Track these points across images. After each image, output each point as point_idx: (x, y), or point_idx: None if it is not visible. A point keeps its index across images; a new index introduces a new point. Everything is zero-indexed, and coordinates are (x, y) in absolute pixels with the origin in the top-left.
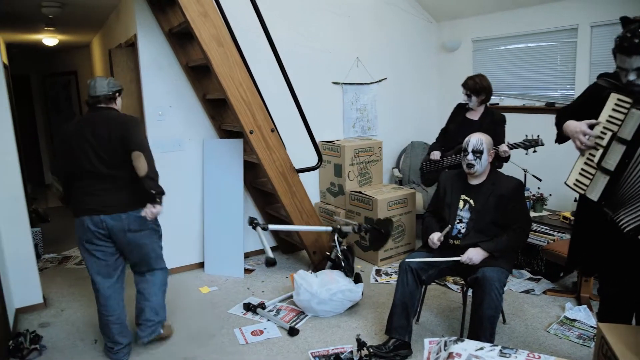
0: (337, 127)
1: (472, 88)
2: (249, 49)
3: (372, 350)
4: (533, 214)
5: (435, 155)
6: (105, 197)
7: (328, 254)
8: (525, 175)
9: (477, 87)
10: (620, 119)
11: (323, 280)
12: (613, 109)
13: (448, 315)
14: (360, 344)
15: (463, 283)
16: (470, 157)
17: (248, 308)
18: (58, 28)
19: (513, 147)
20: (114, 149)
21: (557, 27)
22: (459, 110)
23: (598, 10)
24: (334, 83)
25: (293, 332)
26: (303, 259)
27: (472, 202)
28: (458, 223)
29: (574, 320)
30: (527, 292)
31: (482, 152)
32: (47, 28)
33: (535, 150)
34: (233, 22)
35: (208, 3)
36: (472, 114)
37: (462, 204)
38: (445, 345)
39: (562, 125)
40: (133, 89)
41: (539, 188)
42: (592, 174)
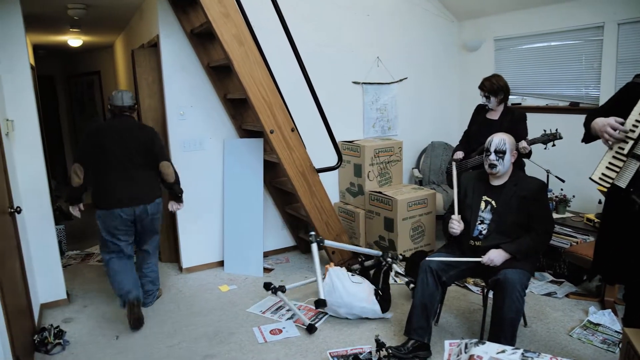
0: (357, 126)
1: (489, 89)
2: (270, 49)
3: (391, 351)
4: (556, 216)
5: (458, 155)
6: (133, 190)
7: (361, 259)
8: (548, 176)
9: (494, 87)
10: None
11: (357, 294)
12: None
13: (468, 317)
14: (379, 345)
15: (484, 285)
16: (493, 157)
17: (268, 288)
18: (83, 29)
19: (532, 142)
20: (140, 152)
21: (582, 25)
22: (479, 111)
23: (625, 8)
24: (354, 83)
25: (312, 329)
26: (322, 259)
27: (493, 203)
28: (479, 224)
29: (598, 325)
30: (549, 295)
31: (504, 152)
32: (72, 29)
33: (555, 144)
34: (253, 21)
35: (229, 3)
36: (492, 114)
37: (483, 205)
38: (466, 348)
39: (590, 125)
40: (155, 89)
41: (562, 189)
42: (619, 166)
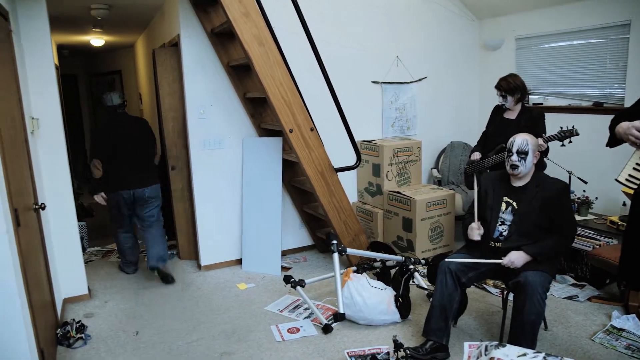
0: (376, 126)
1: (505, 88)
2: (289, 48)
3: (409, 352)
4: (578, 218)
5: (475, 156)
6: (137, 175)
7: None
8: (570, 178)
9: (510, 86)
10: None
11: (377, 306)
12: None
13: (487, 320)
14: (397, 345)
15: (503, 287)
16: (515, 158)
17: (288, 281)
18: (105, 29)
19: (548, 139)
20: (138, 142)
21: (607, 23)
22: (497, 112)
23: None
24: (373, 82)
25: (327, 329)
26: (340, 258)
27: (515, 204)
28: (500, 225)
29: (622, 330)
30: (570, 298)
31: (527, 153)
32: (94, 29)
33: (571, 141)
34: (273, 21)
35: (250, 3)
36: (509, 114)
37: (504, 206)
38: (486, 350)
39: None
40: (176, 88)
41: (585, 191)
42: None
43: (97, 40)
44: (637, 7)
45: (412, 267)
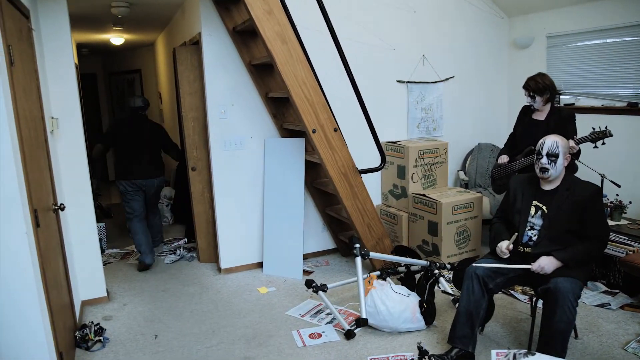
0: (401, 127)
1: (534, 88)
2: (312, 46)
3: None
4: (610, 223)
5: (503, 159)
6: (146, 167)
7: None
8: (603, 181)
9: (539, 86)
10: None
11: (402, 314)
12: None
13: (515, 327)
14: (422, 352)
15: (532, 293)
16: (545, 160)
17: (310, 285)
18: (125, 27)
19: (580, 141)
20: (149, 141)
21: None
22: (525, 112)
23: None
24: (399, 81)
25: (350, 335)
26: (363, 262)
27: (544, 208)
28: (529, 230)
29: None
30: (602, 306)
31: (557, 155)
32: (114, 27)
33: (604, 143)
34: (296, 18)
35: (273, 1)
36: (538, 115)
37: (533, 211)
38: (515, 358)
39: None
40: (196, 87)
41: (618, 195)
42: None
43: (117, 39)
44: None
45: (437, 272)
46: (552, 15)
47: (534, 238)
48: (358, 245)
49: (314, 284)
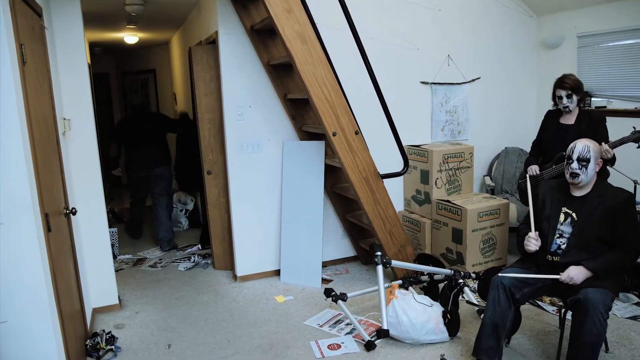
0: (424, 130)
1: (572, 86)
2: (331, 45)
3: None
4: None
5: (533, 170)
6: (152, 158)
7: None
8: (636, 187)
9: (577, 83)
10: None
11: (425, 325)
12: None
13: (542, 339)
14: None
15: (561, 304)
16: (575, 165)
17: (329, 294)
18: (139, 25)
19: (621, 142)
20: (156, 130)
21: None
22: (551, 117)
23: None
24: (423, 83)
25: (370, 346)
26: (384, 271)
27: (574, 215)
28: (558, 238)
29: None
30: (634, 318)
31: (588, 160)
32: (128, 26)
33: None
34: (316, 17)
35: None
36: (566, 118)
37: (562, 218)
38: None
39: None
40: (213, 88)
41: None
42: None
43: (130, 38)
44: None
45: (461, 281)
46: (583, 14)
47: (563, 246)
48: (379, 253)
49: (333, 293)
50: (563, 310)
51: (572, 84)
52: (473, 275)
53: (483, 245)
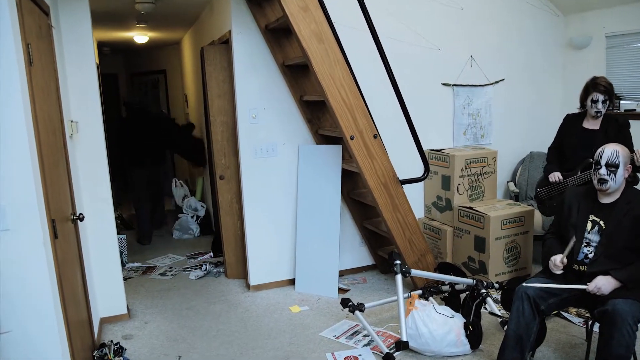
0: (446, 133)
1: (609, 90)
2: (350, 45)
3: None
4: None
5: (556, 177)
6: (143, 157)
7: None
8: None
9: (611, 87)
10: None
11: (445, 337)
12: None
13: (568, 353)
14: None
15: (588, 316)
16: (603, 171)
17: (346, 305)
18: (149, 24)
19: None
20: (159, 130)
21: None
22: (571, 123)
23: None
24: (444, 84)
25: (388, 359)
26: (403, 280)
27: (602, 223)
28: (585, 247)
29: None
30: None
31: (617, 166)
32: (138, 25)
33: None
34: (333, 15)
35: None
36: (590, 123)
37: (590, 226)
38: None
39: None
40: (225, 89)
41: None
42: None
43: (140, 37)
44: None
45: (484, 291)
46: (612, 13)
47: (590, 255)
48: (398, 262)
49: (351, 303)
50: (590, 322)
51: (608, 87)
52: (496, 285)
53: (507, 254)
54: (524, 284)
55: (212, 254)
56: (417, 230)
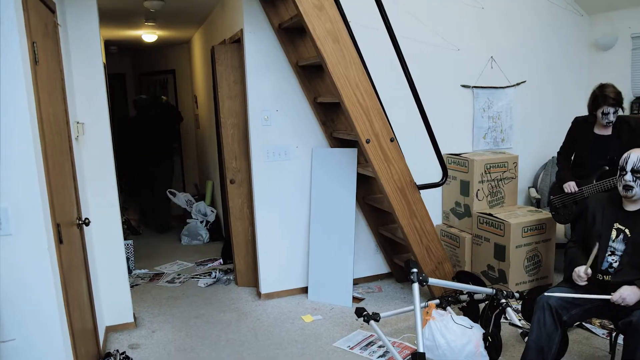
0: (465, 137)
1: (619, 100)
2: (366, 45)
3: None
4: None
5: (571, 187)
6: (148, 153)
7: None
8: None
9: (620, 96)
10: None
11: (464, 348)
12: None
13: None
14: None
15: (612, 327)
16: (629, 177)
17: (360, 314)
18: (158, 23)
19: None
20: (162, 129)
21: None
22: (582, 126)
23: None
24: (463, 86)
25: None
26: (420, 289)
27: (627, 231)
28: (609, 256)
29: None
30: None
31: None
32: (147, 23)
33: None
34: (349, 14)
35: None
36: (600, 129)
37: (614, 234)
38: None
39: None
40: (237, 90)
41: None
42: None
43: (149, 36)
44: None
45: (504, 301)
46: (637, 13)
47: (615, 265)
48: (415, 270)
49: (365, 313)
50: (614, 334)
51: (618, 98)
52: (517, 295)
53: (527, 263)
54: (546, 294)
55: (221, 261)
56: (434, 238)
